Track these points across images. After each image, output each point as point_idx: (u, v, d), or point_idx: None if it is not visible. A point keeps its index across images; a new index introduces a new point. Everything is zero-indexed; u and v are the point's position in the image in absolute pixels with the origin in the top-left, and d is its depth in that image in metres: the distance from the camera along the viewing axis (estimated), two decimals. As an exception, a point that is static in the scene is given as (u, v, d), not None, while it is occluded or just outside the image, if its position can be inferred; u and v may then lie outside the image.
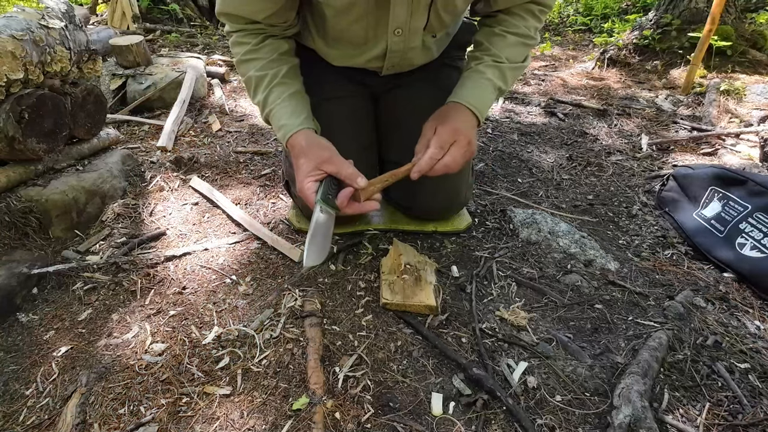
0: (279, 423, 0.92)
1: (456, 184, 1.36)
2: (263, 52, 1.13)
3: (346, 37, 1.16)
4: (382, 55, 1.19)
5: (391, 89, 1.36)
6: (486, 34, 1.17)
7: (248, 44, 1.13)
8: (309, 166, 1.04)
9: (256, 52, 1.13)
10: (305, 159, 1.05)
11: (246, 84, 1.18)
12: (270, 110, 1.13)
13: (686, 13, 3.22)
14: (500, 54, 1.14)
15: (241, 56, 1.14)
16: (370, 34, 1.13)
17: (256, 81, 1.13)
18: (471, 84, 1.14)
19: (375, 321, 1.16)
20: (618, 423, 0.89)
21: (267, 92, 1.13)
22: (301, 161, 1.05)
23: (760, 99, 2.54)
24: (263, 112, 1.16)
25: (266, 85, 1.13)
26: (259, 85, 1.13)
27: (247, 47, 1.13)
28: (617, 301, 1.25)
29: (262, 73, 1.12)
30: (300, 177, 1.05)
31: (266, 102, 1.13)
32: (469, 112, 1.11)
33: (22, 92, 1.36)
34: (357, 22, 1.09)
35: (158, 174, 1.83)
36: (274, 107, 1.12)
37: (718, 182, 1.53)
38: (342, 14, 1.07)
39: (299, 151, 1.07)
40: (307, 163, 1.04)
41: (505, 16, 1.15)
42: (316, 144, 1.07)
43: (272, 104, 1.12)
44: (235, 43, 1.15)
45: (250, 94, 1.19)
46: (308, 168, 1.04)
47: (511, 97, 2.75)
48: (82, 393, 0.98)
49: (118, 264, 1.35)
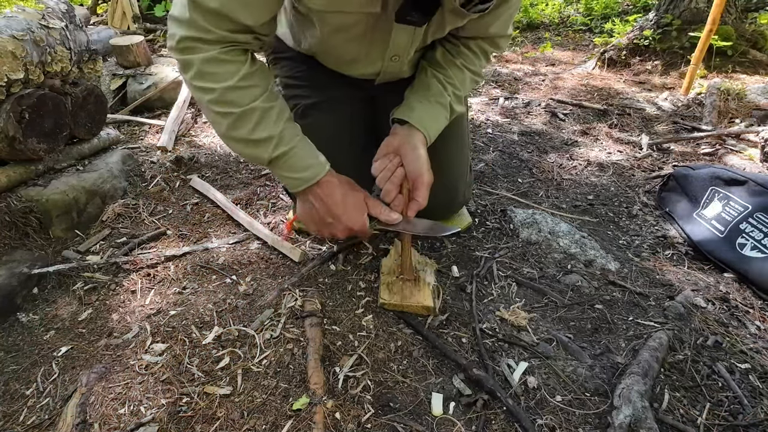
0: (279, 423, 0.92)
1: (454, 183, 1.36)
2: (258, 77, 0.96)
3: (338, 53, 1.16)
4: (375, 73, 1.21)
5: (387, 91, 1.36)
6: (447, 61, 1.19)
7: (238, 64, 0.92)
8: (358, 203, 1.07)
9: (252, 77, 0.94)
10: (352, 196, 1.07)
11: (238, 116, 0.94)
12: (288, 150, 0.99)
13: (686, 13, 3.22)
14: (460, 87, 1.19)
15: (234, 82, 0.91)
16: (362, 54, 1.12)
17: (261, 113, 0.95)
18: (435, 117, 1.17)
19: (375, 321, 1.16)
20: (618, 423, 0.89)
21: (281, 128, 0.98)
22: (349, 198, 1.07)
23: (760, 99, 2.53)
24: (272, 150, 0.98)
25: (276, 120, 0.98)
26: (264, 118, 0.96)
27: (242, 70, 0.92)
28: (617, 301, 1.25)
29: (269, 104, 0.96)
30: (351, 213, 1.06)
31: (281, 139, 0.98)
32: (425, 141, 1.14)
33: (22, 92, 1.36)
34: (352, 42, 1.06)
35: (158, 174, 1.83)
36: (294, 146, 1.00)
37: (718, 182, 1.53)
38: (338, 32, 1.04)
39: (335, 189, 1.06)
40: (356, 201, 1.07)
41: (465, 50, 1.18)
42: (347, 181, 1.10)
43: (291, 142, 0.99)
44: (213, 60, 0.89)
45: (240, 129, 0.96)
46: (359, 205, 1.07)
47: (511, 97, 2.75)
48: (82, 393, 0.98)
49: (118, 264, 1.35)
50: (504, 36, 1.19)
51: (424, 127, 1.13)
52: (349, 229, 1.07)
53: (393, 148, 1.12)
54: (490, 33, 1.14)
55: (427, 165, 1.11)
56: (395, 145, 1.12)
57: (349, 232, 1.09)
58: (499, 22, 1.10)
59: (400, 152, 1.11)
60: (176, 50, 0.90)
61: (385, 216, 1.10)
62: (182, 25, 0.87)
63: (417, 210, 1.13)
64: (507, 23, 1.15)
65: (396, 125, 1.16)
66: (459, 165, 1.36)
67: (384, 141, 1.15)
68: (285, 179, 1.05)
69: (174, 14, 0.88)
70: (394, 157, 1.12)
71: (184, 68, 0.92)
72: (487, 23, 1.08)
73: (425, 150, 1.12)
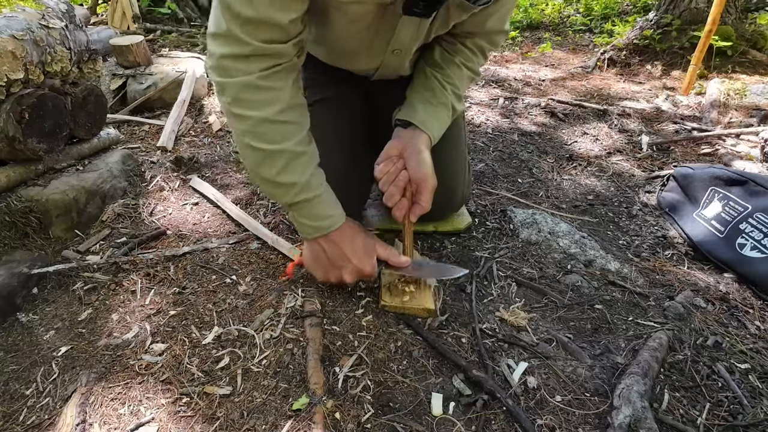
0: (279, 423, 0.92)
1: (451, 181, 1.36)
2: (297, 114, 0.94)
3: (342, 46, 1.15)
4: (374, 67, 1.21)
5: (386, 87, 1.36)
6: (446, 60, 1.19)
7: (277, 91, 0.89)
8: (368, 247, 1.11)
9: (290, 113, 0.91)
10: (362, 240, 1.10)
11: (266, 155, 0.92)
12: (311, 198, 0.99)
13: (686, 13, 3.22)
14: (459, 86, 1.20)
15: (272, 114, 0.88)
16: (365, 47, 1.12)
17: (289, 157, 0.94)
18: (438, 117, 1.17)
19: (375, 321, 1.16)
20: (618, 423, 0.89)
21: (308, 176, 0.97)
22: (359, 242, 1.10)
23: (760, 99, 2.54)
24: (294, 195, 0.98)
25: (305, 167, 0.96)
26: (293, 163, 0.94)
27: (281, 100, 0.89)
28: (617, 301, 1.25)
29: (301, 149, 0.95)
30: (362, 257, 1.09)
31: (307, 186, 0.97)
32: (429, 142, 1.15)
33: (22, 92, 1.36)
34: (359, 34, 1.06)
35: (158, 174, 1.83)
36: (318, 194, 1.00)
37: (718, 182, 1.53)
38: (349, 24, 1.04)
39: (350, 236, 1.09)
40: (366, 245, 1.11)
41: (463, 48, 1.18)
42: (359, 226, 1.13)
43: (315, 191, 0.99)
44: (251, 86, 0.86)
45: (267, 169, 0.94)
46: (369, 249, 1.11)
47: (511, 97, 2.75)
48: (82, 393, 0.98)
49: (118, 264, 1.35)
50: (501, 32, 1.19)
51: (427, 128, 1.13)
52: (358, 272, 1.09)
53: (397, 150, 1.12)
54: (488, 28, 1.14)
55: (431, 169, 1.11)
56: (399, 148, 1.12)
57: (358, 275, 1.10)
58: (497, 16, 1.10)
59: (403, 155, 1.11)
60: (215, 70, 0.88)
61: (394, 260, 1.13)
62: (219, 41, 0.86)
63: (420, 214, 1.13)
64: (504, 19, 1.15)
65: (399, 128, 1.16)
66: (455, 163, 1.36)
67: (388, 144, 1.14)
68: (301, 225, 1.06)
69: (211, 30, 0.87)
70: (397, 159, 1.11)
71: (221, 91, 0.90)
72: (486, 18, 1.09)
73: (429, 153, 1.12)
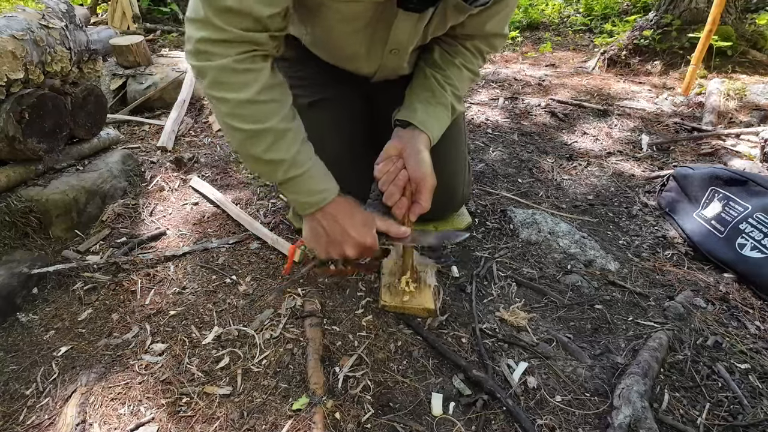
0: (279, 423, 0.92)
1: (452, 182, 1.36)
2: (278, 92, 0.94)
3: (339, 46, 1.15)
4: (373, 68, 1.21)
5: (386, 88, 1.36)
6: (446, 61, 1.19)
7: (255, 73, 0.88)
8: (367, 219, 1.07)
9: (271, 92, 0.91)
10: (359, 213, 1.08)
11: (251, 135, 0.92)
12: (301, 173, 0.99)
13: (686, 13, 3.21)
14: (459, 87, 1.19)
15: (251, 94, 0.88)
16: (363, 47, 1.12)
17: (276, 135, 0.94)
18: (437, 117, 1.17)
19: (375, 321, 1.16)
20: (618, 423, 0.89)
21: (295, 151, 0.97)
22: (357, 215, 1.07)
23: (760, 99, 2.53)
24: (284, 172, 0.98)
25: (291, 142, 0.96)
26: (280, 139, 0.95)
27: (260, 81, 0.88)
28: (617, 301, 1.25)
29: (285, 126, 0.94)
30: (361, 229, 1.06)
31: (295, 163, 0.97)
32: (428, 142, 1.15)
33: (22, 92, 1.36)
34: (356, 34, 1.06)
35: (158, 174, 1.83)
36: (307, 169, 0.99)
37: (718, 182, 1.53)
38: (344, 23, 1.03)
39: (347, 210, 1.06)
40: (364, 217, 1.07)
41: (463, 50, 1.18)
42: (354, 200, 1.10)
43: (304, 165, 0.98)
44: (228, 69, 0.86)
45: (253, 147, 0.94)
46: (367, 220, 1.07)
47: (511, 97, 2.75)
48: (82, 393, 0.98)
49: (118, 264, 1.35)
50: (500, 35, 1.19)
51: (427, 128, 1.13)
52: (359, 245, 1.07)
53: (396, 150, 1.12)
54: (487, 31, 1.14)
55: (431, 169, 1.11)
56: (398, 147, 1.12)
57: (359, 248, 1.08)
58: (497, 19, 1.10)
59: (403, 155, 1.11)
60: (192, 54, 0.87)
61: (394, 230, 1.11)
62: (196, 25, 0.85)
63: (420, 213, 1.12)
64: (503, 22, 1.15)
65: (398, 128, 1.16)
66: (455, 162, 1.36)
67: (387, 144, 1.15)
68: (295, 201, 1.05)
69: (189, 15, 0.87)
70: (397, 159, 1.11)
71: (200, 75, 0.89)
72: (485, 20, 1.09)
73: (428, 153, 1.12)
